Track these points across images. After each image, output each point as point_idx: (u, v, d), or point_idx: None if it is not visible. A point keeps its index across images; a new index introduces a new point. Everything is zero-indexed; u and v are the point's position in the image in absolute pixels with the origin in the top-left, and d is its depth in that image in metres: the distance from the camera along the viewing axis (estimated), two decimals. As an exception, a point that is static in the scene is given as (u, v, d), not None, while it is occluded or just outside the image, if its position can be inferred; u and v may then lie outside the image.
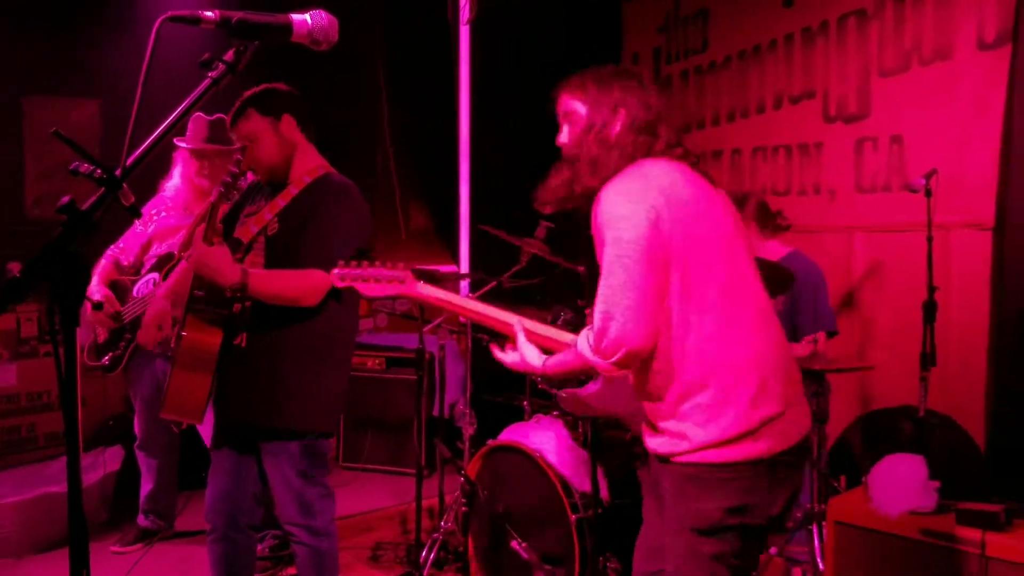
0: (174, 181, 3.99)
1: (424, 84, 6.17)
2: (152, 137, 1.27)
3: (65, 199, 1.17)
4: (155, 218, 4.00)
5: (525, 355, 2.16)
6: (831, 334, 3.95)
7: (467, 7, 6.09)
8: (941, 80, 4.27)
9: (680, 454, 1.98)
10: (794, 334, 3.91)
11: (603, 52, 5.77)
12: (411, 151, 6.25)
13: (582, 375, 2.09)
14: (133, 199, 1.12)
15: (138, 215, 1.30)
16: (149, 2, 4.98)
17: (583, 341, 1.99)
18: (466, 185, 6.29)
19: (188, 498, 4.49)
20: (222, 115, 3.82)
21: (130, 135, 1.23)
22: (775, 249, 4.07)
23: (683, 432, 1.97)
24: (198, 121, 3.92)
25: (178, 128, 1.39)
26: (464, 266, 6.26)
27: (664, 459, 2.04)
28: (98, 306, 3.82)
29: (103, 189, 1.20)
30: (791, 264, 3.97)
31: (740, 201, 4.10)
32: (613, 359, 1.91)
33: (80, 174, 1.20)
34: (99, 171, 1.19)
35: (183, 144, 3.92)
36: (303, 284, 2.71)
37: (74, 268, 1.17)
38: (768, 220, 4.09)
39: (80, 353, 4.82)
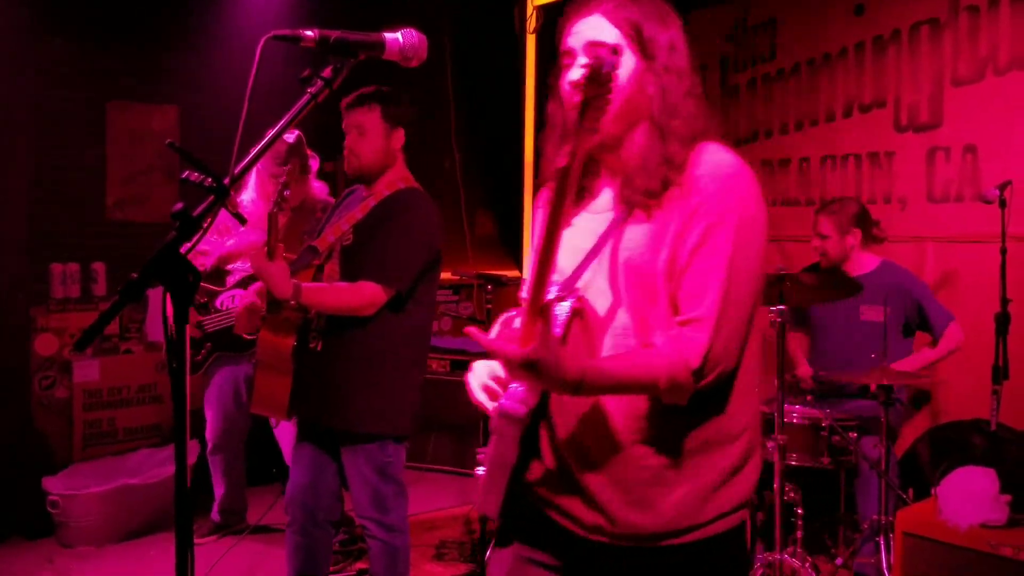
0: (250, 195, 4.01)
1: (490, 94, 6.25)
2: (257, 149, 1.35)
3: (178, 206, 1.26)
4: (233, 230, 4.10)
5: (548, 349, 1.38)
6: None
7: (533, 18, 6.16)
8: (1017, 89, 4.20)
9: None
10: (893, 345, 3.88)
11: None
12: (477, 159, 6.35)
13: (630, 392, 1.54)
14: (240, 207, 1.20)
15: (244, 222, 1.38)
16: (228, 13, 5.15)
17: (668, 348, 1.51)
18: (531, 193, 6.36)
19: (263, 494, 4.62)
20: (298, 132, 3.92)
21: (238, 145, 1.32)
22: (867, 260, 4.02)
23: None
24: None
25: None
26: (528, 272, 6.33)
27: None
28: (203, 306, 4.00)
29: (212, 197, 1.29)
30: (886, 276, 3.94)
31: (840, 204, 4.07)
32: (706, 380, 1.50)
33: (191, 182, 1.29)
34: (209, 180, 1.28)
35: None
36: (354, 298, 2.79)
37: (185, 269, 1.26)
38: (869, 228, 4.04)
39: (161, 352, 5.03)
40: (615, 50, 1.44)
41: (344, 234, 2.91)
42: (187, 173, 1.29)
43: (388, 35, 1.44)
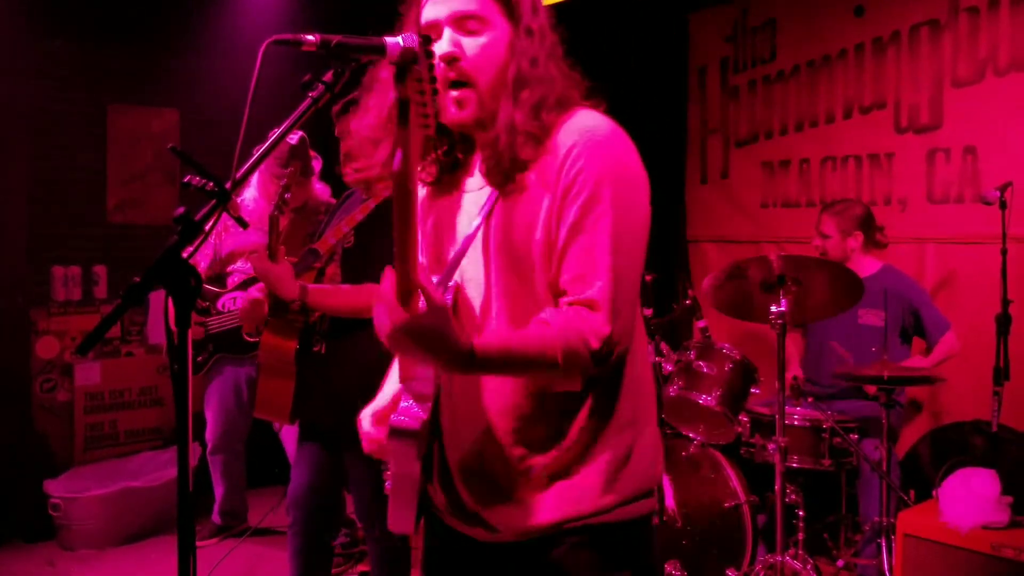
0: (252, 193, 4.01)
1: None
2: (258, 153, 1.35)
3: (180, 210, 1.26)
4: (232, 229, 4.10)
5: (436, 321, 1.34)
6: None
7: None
8: (1016, 91, 4.20)
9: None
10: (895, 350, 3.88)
11: (669, 63, 5.82)
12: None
13: (523, 372, 1.46)
14: (242, 205, 1.19)
15: (245, 225, 1.38)
16: (229, 16, 5.15)
17: (564, 324, 1.40)
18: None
19: (265, 495, 4.62)
20: (302, 133, 3.92)
21: (239, 150, 1.32)
22: (868, 264, 4.02)
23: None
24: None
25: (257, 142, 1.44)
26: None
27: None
28: (204, 311, 4.00)
29: (213, 201, 1.29)
30: (885, 280, 3.94)
31: (844, 205, 4.07)
32: (602, 359, 1.42)
33: (192, 187, 1.29)
34: (211, 184, 1.28)
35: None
36: (360, 300, 2.78)
37: (187, 273, 1.26)
38: (872, 233, 4.04)
39: (163, 355, 5.04)
40: (433, 51, 1.32)
41: (345, 236, 2.91)
42: (188, 177, 1.29)
43: (389, 39, 1.44)
